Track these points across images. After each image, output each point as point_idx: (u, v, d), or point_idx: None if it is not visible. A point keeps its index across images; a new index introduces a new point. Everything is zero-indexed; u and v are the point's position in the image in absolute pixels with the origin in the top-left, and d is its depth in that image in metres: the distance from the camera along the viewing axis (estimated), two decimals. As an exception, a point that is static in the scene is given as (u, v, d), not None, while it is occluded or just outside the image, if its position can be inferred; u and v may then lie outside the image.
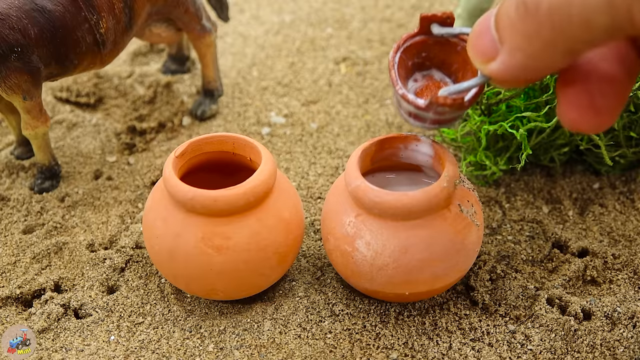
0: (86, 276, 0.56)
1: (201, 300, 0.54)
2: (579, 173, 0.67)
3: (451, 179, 0.46)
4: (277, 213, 0.49)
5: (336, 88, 0.82)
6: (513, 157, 0.68)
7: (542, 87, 0.63)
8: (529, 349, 0.49)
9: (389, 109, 0.78)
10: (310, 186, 0.66)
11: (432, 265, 0.46)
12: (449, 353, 0.49)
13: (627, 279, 0.55)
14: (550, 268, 0.56)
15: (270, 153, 0.52)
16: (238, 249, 0.47)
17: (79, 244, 0.59)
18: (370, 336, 0.50)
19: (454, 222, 0.47)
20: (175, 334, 0.51)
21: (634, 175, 0.66)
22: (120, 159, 0.70)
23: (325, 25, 0.97)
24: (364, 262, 0.47)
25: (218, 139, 0.52)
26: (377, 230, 0.46)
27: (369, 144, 0.51)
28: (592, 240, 0.59)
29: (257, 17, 0.99)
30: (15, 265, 0.57)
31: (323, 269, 0.56)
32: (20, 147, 0.69)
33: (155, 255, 0.49)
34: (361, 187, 0.46)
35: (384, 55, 0.89)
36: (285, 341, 0.50)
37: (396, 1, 1.04)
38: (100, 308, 0.53)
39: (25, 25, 0.55)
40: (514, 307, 0.52)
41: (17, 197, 0.64)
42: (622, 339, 0.49)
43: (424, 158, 0.51)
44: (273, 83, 0.82)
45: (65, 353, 0.50)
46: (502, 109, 0.64)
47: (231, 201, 0.46)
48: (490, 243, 0.58)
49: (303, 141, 0.72)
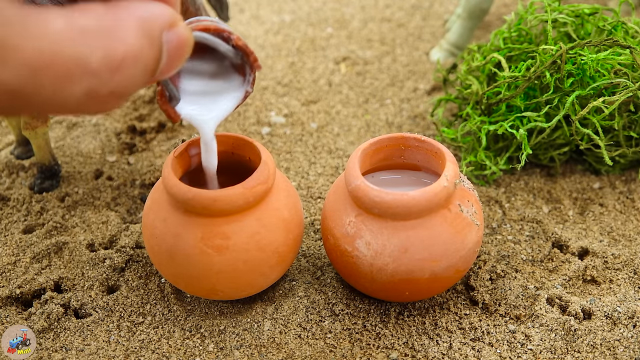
0: (86, 276, 0.56)
1: (201, 300, 0.54)
2: (579, 173, 0.67)
3: (451, 179, 0.46)
4: (276, 213, 0.48)
5: (336, 88, 0.82)
6: (513, 157, 0.68)
7: (542, 87, 0.63)
8: (529, 349, 0.49)
9: (389, 108, 0.78)
10: (310, 186, 0.66)
11: (432, 265, 0.46)
12: (449, 353, 0.49)
13: (627, 279, 0.55)
14: (550, 268, 0.56)
15: (270, 153, 0.52)
16: (238, 249, 0.47)
17: (79, 243, 0.59)
18: (370, 336, 0.50)
19: (454, 222, 0.47)
20: (175, 334, 0.51)
21: (634, 175, 0.66)
22: (120, 159, 0.70)
23: (325, 25, 0.97)
24: (364, 262, 0.47)
25: (217, 138, 0.52)
26: (377, 230, 0.46)
27: (369, 144, 0.51)
28: (592, 240, 0.59)
29: (257, 17, 0.99)
30: (15, 265, 0.57)
31: (323, 269, 0.56)
32: (20, 147, 0.69)
33: (155, 255, 0.49)
34: (361, 187, 0.46)
35: (384, 55, 0.89)
36: (285, 341, 0.50)
37: (396, 1, 1.03)
38: (100, 308, 0.53)
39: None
40: (514, 307, 0.52)
41: (17, 197, 0.64)
42: (622, 339, 0.49)
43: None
44: (273, 83, 0.82)
45: (65, 353, 0.50)
46: (502, 109, 0.64)
47: (231, 201, 0.46)
48: (490, 243, 0.58)
49: (303, 141, 0.72)
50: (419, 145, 0.51)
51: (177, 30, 0.30)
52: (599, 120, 0.59)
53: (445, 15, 0.99)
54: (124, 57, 0.26)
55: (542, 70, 0.59)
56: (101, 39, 0.26)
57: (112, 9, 0.27)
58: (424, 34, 0.94)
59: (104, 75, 0.26)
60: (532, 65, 0.62)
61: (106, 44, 0.26)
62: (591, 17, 0.66)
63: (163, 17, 0.29)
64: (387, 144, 0.52)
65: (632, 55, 0.58)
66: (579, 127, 0.59)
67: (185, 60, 0.31)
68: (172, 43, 0.29)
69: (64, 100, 0.26)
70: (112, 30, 0.26)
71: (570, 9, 0.66)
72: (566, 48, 0.59)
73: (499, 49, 0.68)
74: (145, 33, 0.27)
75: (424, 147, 0.51)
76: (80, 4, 0.27)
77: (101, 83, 0.26)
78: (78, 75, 0.25)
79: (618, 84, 0.58)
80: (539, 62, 0.60)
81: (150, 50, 0.28)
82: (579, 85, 0.60)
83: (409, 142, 0.51)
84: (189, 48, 0.31)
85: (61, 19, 0.25)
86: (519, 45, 0.66)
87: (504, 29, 0.69)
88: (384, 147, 0.52)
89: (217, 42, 0.41)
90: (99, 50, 0.26)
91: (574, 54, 0.60)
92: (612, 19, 0.64)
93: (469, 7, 0.82)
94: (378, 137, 0.51)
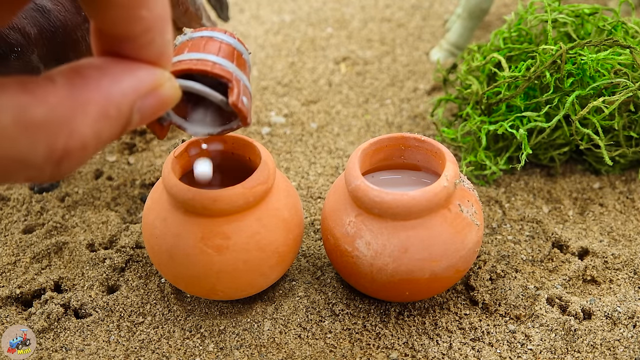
0: (86, 276, 0.56)
1: (201, 300, 0.54)
2: (579, 173, 0.67)
3: (451, 179, 0.46)
4: (276, 213, 0.48)
5: (336, 88, 0.82)
6: (513, 157, 0.68)
7: (542, 87, 0.63)
8: (529, 349, 0.49)
9: (389, 108, 0.78)
10: (310, 186, 0.66)
11: (432, 265, 0.46)
12: (449, 353, 0.49)
13: (627, 279, 0.55)
14: (550, 268, 0.56)
15: (270, 153, 0.52)
16: (237, 249, 0.47)
17: (79, 243, 0.59)
18: (370, 336, 0.50)
19: (454, 222, 0.47)
20: (175, 334, 0.51)
21: (634, 175, 0.66)
22: (120, 159, 0.70)
23: (325, 25, 0.97)
24: (364, 262, 0.47)
25: (217, 138, 0.52)
26: (377, 230, 0.46)
27: (369, 144, 0.51)
28: (592, 240, 0.59)
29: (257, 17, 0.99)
30: (15, 265, 0.57)
31: (323, 269, 0.56)
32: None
33: (155, 255, 0.49)
34: (361, 187, 0.46)
35: (384, 55, 0.89)
36: (285, 341, 0.50)
37: (396, 1, 1.03)
38: (100, 308, 0.53)
39: (25, 25, 0.55)
40: (514, 307, 0.52)
41: (17, 197, 0.64)
42: (622, 339, 0.49)
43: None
44: (273, 83, 0.82)
45: (65, 353, 0.50)
46: (502, 108, 0.64)
47: (230, 201, 0.46)
48: (490, 243, 0.58)
49: (303, 141, 0.72)
50: (419, 145, 0.51)
51: (157, 94, 0.27)
52: (599, 120, 0.59)
53: (445, 15, 0.99)
54: (70, 149, 0.25)
55: (542, 70, 0.59)
56: (48, 133, 0.24)
57: (76, 91, 0.25)
58: (424, 34, 0.94)
59: (47, 167, 0.25)
60: (532, 65, 0.62)
61: (51, 140, 0.24)
62: (591, 17, 0.66)
63: (137, 90, 0.27)
64: (387, 144, 0.52)
65: (632, 55, 0.58)
66: (579, 127, 0.59)
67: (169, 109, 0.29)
68: (147, 107, 0.27)
69: (7, 181, 0.26)
70: (64, 121, 0.25)
71: (570, 9, 0.66)
72: (566, 48, 0.59)
73: (499, 49, 0.68)
74: (107, 116, 0.26)
75: (424, 147, 0.51)
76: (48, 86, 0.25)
77: (43, 173, 0.25)
78: (18, 170, 0.24)
79: (618, 84, 0.58)
80: (539, 62, 0.60)
81: (109, 130, 0.26)
82: (579, 85, 0.60)
83: (409, 142, 0.51)
84: (172, 103, 0.29)
85: (9, 113, 0.23)
86: (519, 45, 0.66)
87: (504, 29, 0.69)
88: (384, 147, 0.52)
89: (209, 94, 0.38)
90: (42, 146, 0.24)
91: (574, 54, 0.60)
92: (612, 19, 0.64)
93: (469, 7, 0.82)
94: (378, 137, 0.51)
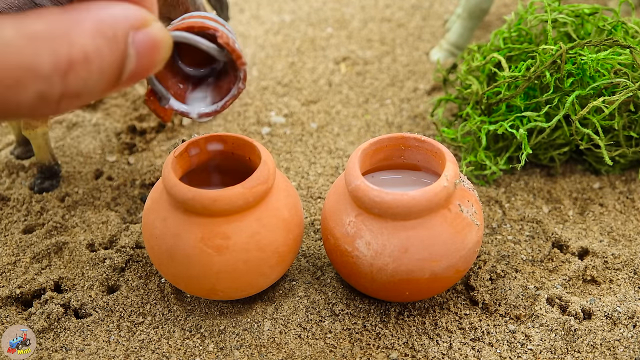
0: (86, 276, 0.56)
1: (201, 300, 0.54)
2: (579, 173, 0.67)
3: (451, 179, 0.46)
4: (276, 213, 0.48)
5: (336, 88, 0.82)
6: (513, 157, 0.68)
7: (542, 87, 0.63)
8: (529, 349, 0.49)
9: (389, 108, 0.78)
10: (310, 186, 0.66)
11: (432, 265, 0.46)
12: (449, 353, 0.49)
13: (627, 279, 0.55)
14: (550, 268, 0.56)
15: (270, 153, 0.52)
16: (237, 249, 0.47)
17: (79, 243, 0.59)
18: (370, 336, 0.50)
19: (454, 222, 0.47)
20: (175, 334, 0.51)
21: (634, 175, 0.66)
22: (120, 159, 0.70)
23: (325, 25, 0.97)
24: (364, 262, 0.47)
25: (218, 138, 0.52)
26: (377, 230, 0.46)
27: (369, 144, 0.51)
28: (592, 240, 0.59)
29: (257, 17, 0.99)
30: (15, 265, 0.57)
31: (323, 269, 0.56)
32: (20, 147, 0.69)
33: (154, 255, 0.49)
34: (361, 187, 0.46)
35: (384, 55, 0.89)
36: (285, 341, 0.50)
37: (396, 1, 1.03)
38: (100, 308, 0.53)
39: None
40: (514, 307, 0.52)
41: (17, 197, 0.64)
42: (622, 339, 0.49)
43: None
44: (273, 83, 0.82)
45: (65, 353, 0.50)
46: (502, 108, 0.64)
47: (230, 201, 0.46)
48: (490, 243, 0.58)
49: (303, 141, 0.72)
50: (419, 145, 0.51)
51: (148, 31, 0.28)
52: (599, 120, 0.59)
53: (445, 15, 0.99)
54: (74, 59, 0.26)
55: (542, 70, 0.59)
56: (50, 42, 0.25)
57: (68, 12, 0.26)
58: (424, 34, 0.94)
59: (55, 78, 0.25)
60: (532, 65, 0.62)
61: (54, 48, 0.25)
62: (591, 17, 0.66)
63: (127, 18, 0.27)
64: (387, 144, 0.52)
65: (632, 55, 0.58)
66: (579, 127, 0.59)
67: (163, 60, 0.30)
68: (140, 44, 0.28)
69: (16, 105, 0.26)
70: (64, 33, 0.26)
71: (570, 9, 0.66)
72: (566, 48, 0.59)
73: (499, 49, 0.68)
74: (103, 34, 0.26)
75: (424, 147, 0.51)
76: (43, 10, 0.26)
77: (52, 86, 0.26)
78: (28, 81, 0.25)
79: (618, 84, 0.58)
80: (539, 62, 0.60)
81: (109, 52, 0.27)
82: (579, 85, 0.60)
83: (409, 142, 0.51)
84: (165, 49, 0.29)
85: (11, 26, 0.25)
86: (519, 45, 0.66)
87: (504, 29, 0.69)
88: (384, 147, 0.52)
89: (199, 41, 0.39)
90: (47, 54, 0.25)
91: (574, 53, 0.60)
92: (612, 19, 0.64)
93: (469, 7, 0.82)
94: (378, 137, 0.51)
